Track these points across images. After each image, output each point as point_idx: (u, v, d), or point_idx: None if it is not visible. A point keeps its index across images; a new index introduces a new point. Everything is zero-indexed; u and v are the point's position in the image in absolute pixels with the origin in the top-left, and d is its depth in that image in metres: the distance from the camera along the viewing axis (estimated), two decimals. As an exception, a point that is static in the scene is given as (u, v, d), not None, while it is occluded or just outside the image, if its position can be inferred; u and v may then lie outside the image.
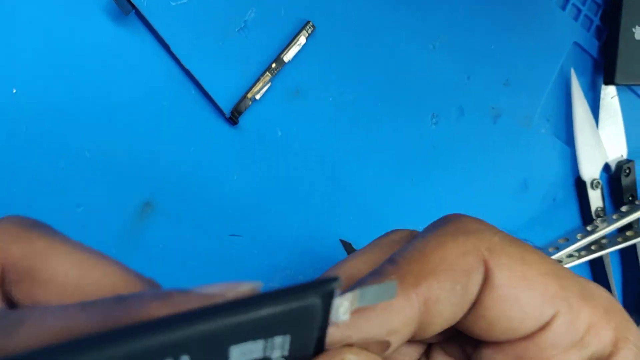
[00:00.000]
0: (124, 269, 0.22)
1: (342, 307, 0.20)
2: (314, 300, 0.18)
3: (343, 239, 0.42)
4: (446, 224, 0.24)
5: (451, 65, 0.46)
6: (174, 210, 0.37)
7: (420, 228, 0.44)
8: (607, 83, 0.51)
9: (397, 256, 0.23)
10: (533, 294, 0.21)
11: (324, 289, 0.18)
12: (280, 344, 0.19)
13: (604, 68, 0.52)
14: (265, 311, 0.18)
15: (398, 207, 0.44)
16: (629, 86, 0.53)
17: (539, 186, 0.49)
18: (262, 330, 0.18)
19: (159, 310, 0.18)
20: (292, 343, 0.19)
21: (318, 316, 0.19)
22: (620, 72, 0.51)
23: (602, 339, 0.22)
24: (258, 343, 0.18)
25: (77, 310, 0.18)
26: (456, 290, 0.21)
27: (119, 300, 0.19)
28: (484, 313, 0.22)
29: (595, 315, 0.22)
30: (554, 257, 0.47)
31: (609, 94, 0.52)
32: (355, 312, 0.21)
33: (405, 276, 0.22)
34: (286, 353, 0.19)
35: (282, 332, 0.18)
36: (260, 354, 0.19)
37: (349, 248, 0.43)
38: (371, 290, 0.21)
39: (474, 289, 0.22)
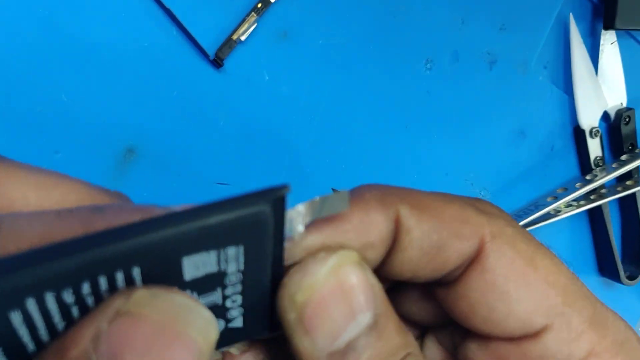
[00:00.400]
0: (86, 185, 0.21)
1: (296, 219, 0.20)
2: (263, 207, 0.18)
3: (335, 187, 0.41)
4: (468, 198, 0.23)
5: (445, 8, 0.44)
6: (158, 157, 0.36)
7: (413, 176, 0.43)
8: (607, 28, 0.50)
9: (395, 187, 0.22)
10: (527, 297, 0.21)
11: (273, 195, 0.18)
12: (234, 256, 0.18)
13: (604, 12, 0.50)
14: (214, 219, 0.17)
15: (392, 154, 0.42)
16: (629, 32, 0.51)
17: (537, 134, 0.48)
18: (213, 240, 0.17)
19: None
20: (247, 255, 0.18)
21: (270, 225, 0.18)
22: (620, 16, 0.49)
23: None
24: (211, 254, 0.17)
25: (54, 218, 0.18)
26: (432, 239, 0.21)
27: (97, 210, 0.18)
28: (467, 293, 0.21)
29: (600, 345, 0.21)
30: (552, 206, 0.46)
31: (609, 39, 0.50)
32: (327, 223, 0.20)
33: (388, 195, 0.21)
34: (242, 267, 0.19)
35: (234, 243, 0.18)
36: (214, 268, 0.18)
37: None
38: (324, 200, 0.20)
39: (453, 255, 0.21)
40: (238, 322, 0.20)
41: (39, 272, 0.15)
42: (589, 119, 0.49)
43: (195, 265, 0.18)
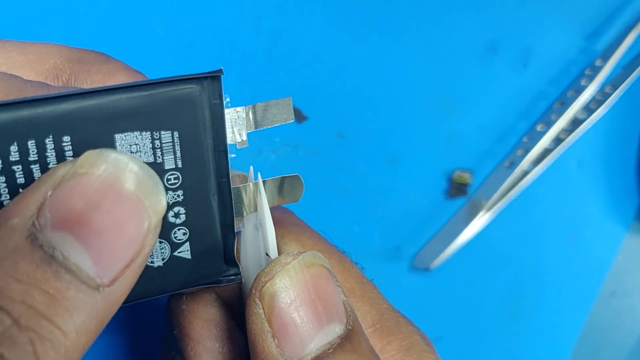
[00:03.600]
0: (64, 48, 0.21)
1: (237, 122, 0.19)
2: (193, 85, 0.17)
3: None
4: None
5: None
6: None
7: (376, 94, 0.40)
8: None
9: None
10: None
11: (203, 77, 0.18)
12: (169, 144, 0.18)
13: None
14: (143, 92, 0.17)
15: (352, 67, 0.40)
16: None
17: (509, 50, 0.45)
18: (145, 119, 0.17)
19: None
20: (182, 146, 0.18)
21: (201, 106, 0.18)
22: None
23: None
24: (144, 136, 0.17)
25: (22, 82, 0.18)
26: None
27: (45, 86, 0.18)
28: None
29: (385, 351, 0.21)
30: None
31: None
32: None
33: None
34: (180, 163, 0.18)
35: (168, 127, 0.17)
36: (149, 155, 0.18)
37: (298, 115, 0.39)
38: (266, 107, 0.20)
39: None
40: (186, 252, 0.19)
41: None
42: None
43: (129, 145, 0.17)
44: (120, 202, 0.15)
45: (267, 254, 0.20)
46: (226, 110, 0.18)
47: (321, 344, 0.18)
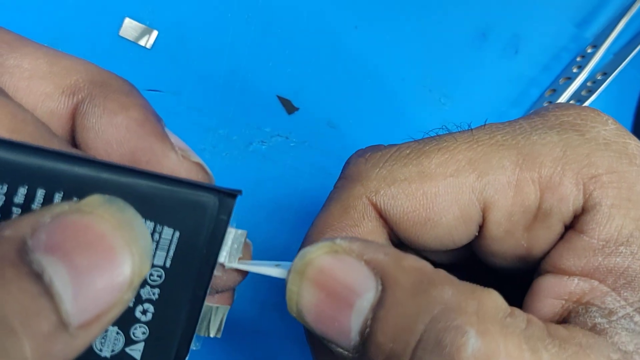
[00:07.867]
0: (91, 65, 0.22)
1: (232, 245, 0.19)
2: (211, 196, 0.18)
3: (280, 95, 0.39)
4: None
5: None
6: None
7: (366, 82, 0.40)
8: None
9: None
10: None
11: (224, 191, 0.18)
12: (167, 242, 0.18)
13: None
14: (167, 186, 0.17)
15: (340, 57, 0.40)
16: None
17: (499, 36, 0.45)
18: (156, 209, 0.17)
19: None
20: (177, 248, 0.18)
21: (210, 216, 0.18)
22: None
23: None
24: (148, 225, 0.17)
25: (50, 134, 0.19)
26: None
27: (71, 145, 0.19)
28: None
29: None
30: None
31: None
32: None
33: None
34: (168, 263, 0.18)
35: (172, 224, 0.18)
36: None
37: (288, 106, 0.39)
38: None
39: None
40: (137, 351, 0.19)
41: None
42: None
43: None
44: (114, 250, 0.15)
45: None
46: (229, 229, 0.19)
47: (359, 325, 0.19)
